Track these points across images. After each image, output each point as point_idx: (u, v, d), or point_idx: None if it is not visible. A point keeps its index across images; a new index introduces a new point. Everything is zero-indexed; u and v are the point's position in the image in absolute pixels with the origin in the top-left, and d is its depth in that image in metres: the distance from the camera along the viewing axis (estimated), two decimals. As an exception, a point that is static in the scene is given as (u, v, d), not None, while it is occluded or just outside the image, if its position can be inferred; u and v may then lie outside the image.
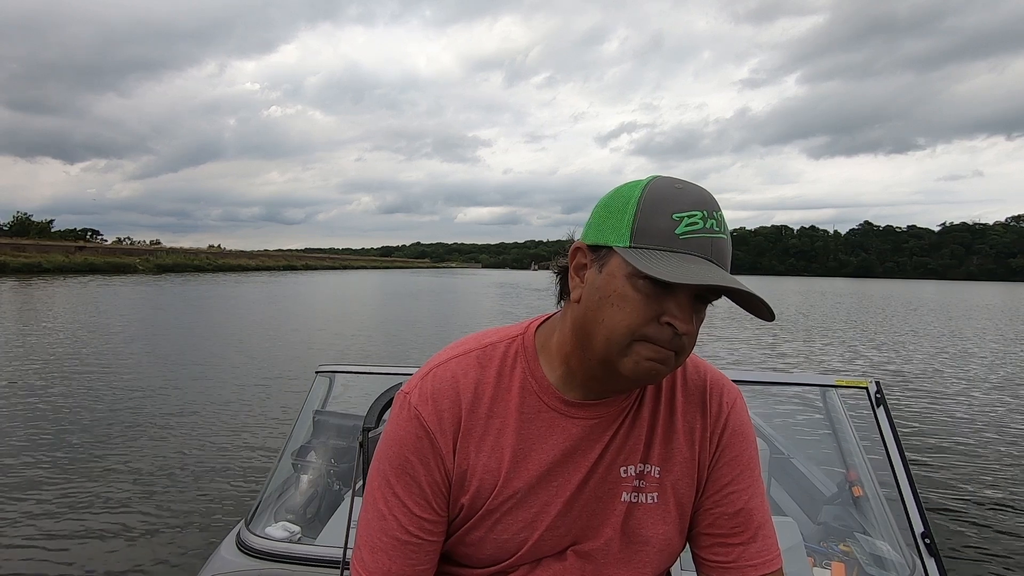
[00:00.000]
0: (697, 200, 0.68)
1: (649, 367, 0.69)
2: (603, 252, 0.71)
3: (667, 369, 0.70)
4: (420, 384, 0.79)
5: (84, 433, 5.58)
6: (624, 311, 0.68)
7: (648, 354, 0.68)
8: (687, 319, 0.67)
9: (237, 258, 79.10)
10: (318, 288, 37.41)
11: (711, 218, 0.67)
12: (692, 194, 0.68)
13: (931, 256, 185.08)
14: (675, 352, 0.69)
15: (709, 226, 0.67)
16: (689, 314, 0.68)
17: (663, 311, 0.67)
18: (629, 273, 0.67)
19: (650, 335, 0.68)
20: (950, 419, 6.97)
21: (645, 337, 0.68)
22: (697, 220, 0.67)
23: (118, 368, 8.89)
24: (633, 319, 0.68)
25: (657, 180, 0.70)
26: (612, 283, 0.69)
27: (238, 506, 4.00)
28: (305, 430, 2.60)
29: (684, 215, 0.67)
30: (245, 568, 1.88)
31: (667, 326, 0.67)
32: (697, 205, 0.67)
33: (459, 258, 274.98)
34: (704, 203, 0.68)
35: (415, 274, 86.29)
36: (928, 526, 1.75)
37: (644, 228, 0.67)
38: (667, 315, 0.67)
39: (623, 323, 0.68)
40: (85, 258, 51.78)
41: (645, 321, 0.67)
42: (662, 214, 0.67)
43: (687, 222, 0.66)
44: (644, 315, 0.67)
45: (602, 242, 0.71)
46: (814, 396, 2.90)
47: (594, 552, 0.78)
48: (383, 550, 0.75)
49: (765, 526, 0.79)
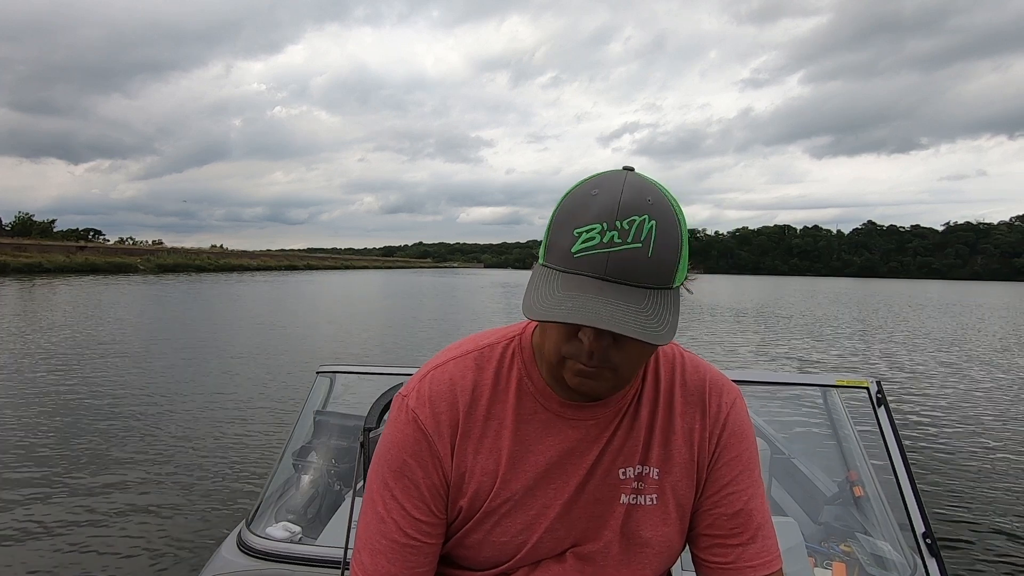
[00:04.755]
0: (600, 210, 0.63)
1: (579, 383, 0.70)
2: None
3: (605, 384, 0.70)
4: (418, 387, 0.79)
5: (84, 433, 5.58)
6: (551, 328, 0.70)
7: (576, 370, 0.69)
8: (595, 336, 0.65)
9: (239, 258, 79.19)
10: (319, 288, 37.44)
11: (612, 230, 0.62)
12: (599, 202, 0.63)
13: (935, 256, 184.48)
14: (600, 368, 0.68)
15: (608, 239, 0.62)
16: (595, 333, 0.65)
17: (578, 327, 0.66)
18: None
19: (571, 353, 0.69)
20: (951, 419, 6.94)
21: (568, 355, 0.69)
22: (594, 235, 0.62)
23: (118, 368, 8.90)
24: (556, 337, 0.70)
25: (577, 188, 0.67)
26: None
27: (239, 506, 4.01)
28: (306, 430, 2.60)
29: (583, 230, 0.63)
30: (246, 568, 1.88)
31: (581, 341, 0.67)
32: (597, 216, 0.62)
33: (461, 258, 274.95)
34: (607, 213, 0.62)
35: (417, 274, 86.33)
36: (929, 526, 1.75)
37: (552, 245, 0.66)
38: (581, 331, 0.67)
39: (551, 341, 0.71)
40: (86, 258, 51.89)
41: (565, 339, 0.69)
42: (565, 230, 0.65)
43: (584, 238, 0.63)
44: (562, 332, 0.69)
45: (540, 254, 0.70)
46: (815, 396, 2.90)
47: (594, 554, 0.78)
48: (382, 553, 0.75)
49: (765, 527, 0.79)
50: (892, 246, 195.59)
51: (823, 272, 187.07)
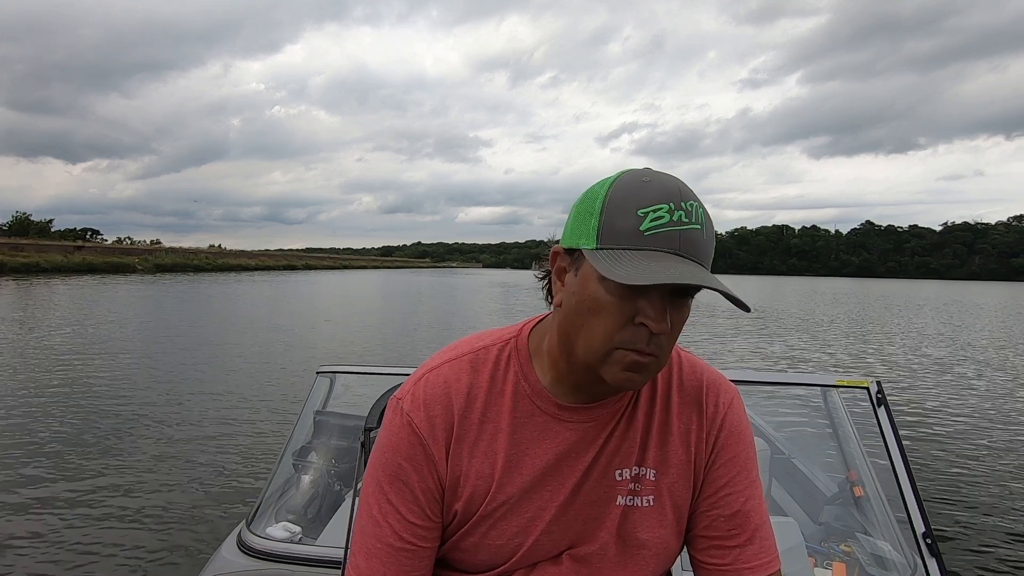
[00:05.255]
0: (663, 192, 0.65)
1: (627, 377, 0.68)
2: (577, 255, 0.70)
3: (648, 376, 0.69)
4: (412, 390, 0.78)
5: (83, 434, 5.57)
6: (600, 316, 0.67)
7: (626, 363, 0.67)
8: (660, 318, 0.65)
9: (237, 258, 79.09)
10: (317, 288, 37.42)
11: (679, 210, 0.64)
12: (658, 186, 0.65)
13: (933, 256, 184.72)
14: (654, 356, 0.67)
15: (677, 218, 0.64)
16: (662, 313, 0.65)
17: (637, 311, 0.66)
18: (599, 276, 0.66)
19: (626, 340, 0.66)
20: (951, 419, 6.95)
21: (622, 344, 0.67)
22: (663, 214, 0.64)
23: (117, 368, 8.89)
24: (608, 324, 0.66)
25: (624, 175, 0.68)
26: (586, 288, 0.68)
27: (239, 506, 4.00)
28: (306, 430, 2.60)
29: (649, 210, 0.64)
30: (246, 568, 1.88)
31: (641, 327, 0.66)
32: (663, 198, 0.65)
33: (460, 258, 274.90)
34: (671, 195, 0.65)
35: (416, 274, 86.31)
36: (929, 526, 1.75)
37: (609, 228, 0.66)
38: (640, 315, 0.65)
39: (600, 330, 0.67)
40: (83, 258, 51.80)
41: (620, 325, 0.66)
42: (627, 211, 0.65)
43: (652, 217, 0.64)
44: (619, 319, 0.66)
45: (575, 245, 0.69)
46: (815, 396, 2.90)
47: (590, 556, 0.77)
48: (377, 556, 0.75)
49: (763, 527, 0.78)
50: (890, 246, 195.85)
51: (821, 272, 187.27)
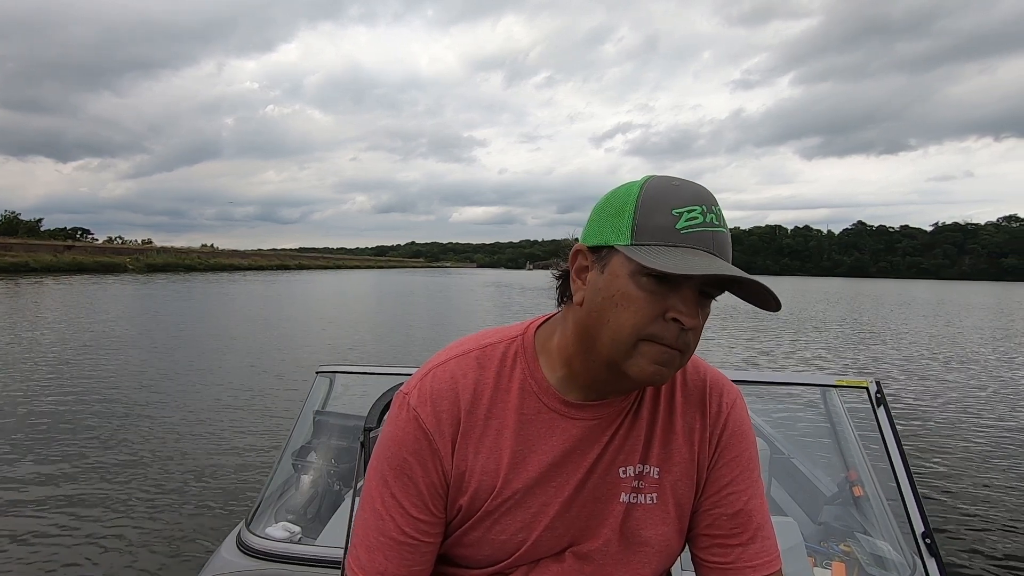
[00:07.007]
0: (695, 195, 0.68)
1: (655, 371, 0.69)
2: (604, 253, 0.71)
3: (672, 371, 0.70)
4: (419, 385, 0.78)
5: (82, 434, 5.54)
6: (629, 310, 0.67)
7: (654, 355, 0.68)
8: (693, 313, 0.67)
9: (229, 257, 78.75)
10: (312, 288, 37.31)
11: (711, 212, 0.68)
12: (689, 190, 0.69)
13: (924, 256, 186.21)
14: (680, 351, 0.69)
15: (709, 220, 0.67)
16: (694, 308, 0.67)
17: (668, 307, 0.67)
18: (632, 271, 0.67)
19: (656, 333, 0.67)
20: (951, 419, 7.00)
21: (651, 336, 0.67)
22: (697, 215, 0.67)
23: (115, 369, 8.84)
24: (638, 318, 0.67)
25: (653, 179, 0.71)
26: (615, 283, 0.68)
27: (239, 506, 3.99)
28: (305, 430, 2.59)
29: (684, 210, 0.67)
30: (245, 568, 1.87)
31: (673, 322, 0.67)
32: (696, 200, 0.68)
33: (454, 258, 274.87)
34: (702, 198, 0.68)
35: (410, 274, 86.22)
36: (928, 526, 1.76)
37: (644, 225, 0.67)
38: (672, 310, 0.67)
39: (628, 322, 0.68)
40: (74, 257, 51.41)
41: (650, 319, 0.67)
42: (661, 210, 0.67)
43: (687, 216, 0.67)
44: (649, 313, 0.67)
45: (603, 242, 0.71)
46: (814, 396, 2.91)
47: (592, 553, 0.78)
48: (379, 549, 0.75)
49: (764, 527, 0.79)
50: (882, 246, 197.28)
51: (814, 272, 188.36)
